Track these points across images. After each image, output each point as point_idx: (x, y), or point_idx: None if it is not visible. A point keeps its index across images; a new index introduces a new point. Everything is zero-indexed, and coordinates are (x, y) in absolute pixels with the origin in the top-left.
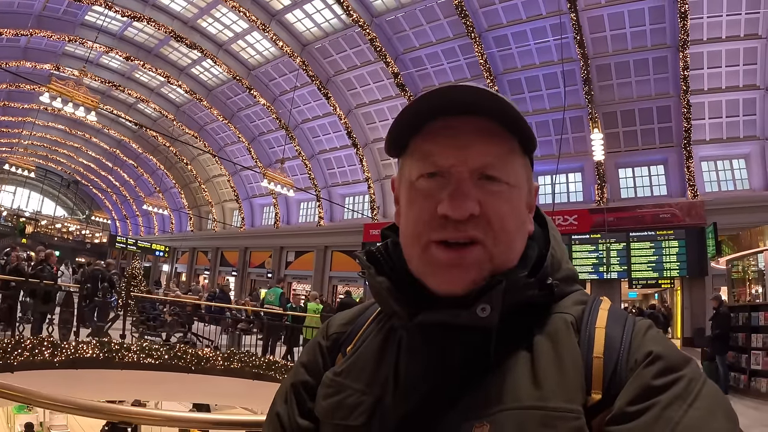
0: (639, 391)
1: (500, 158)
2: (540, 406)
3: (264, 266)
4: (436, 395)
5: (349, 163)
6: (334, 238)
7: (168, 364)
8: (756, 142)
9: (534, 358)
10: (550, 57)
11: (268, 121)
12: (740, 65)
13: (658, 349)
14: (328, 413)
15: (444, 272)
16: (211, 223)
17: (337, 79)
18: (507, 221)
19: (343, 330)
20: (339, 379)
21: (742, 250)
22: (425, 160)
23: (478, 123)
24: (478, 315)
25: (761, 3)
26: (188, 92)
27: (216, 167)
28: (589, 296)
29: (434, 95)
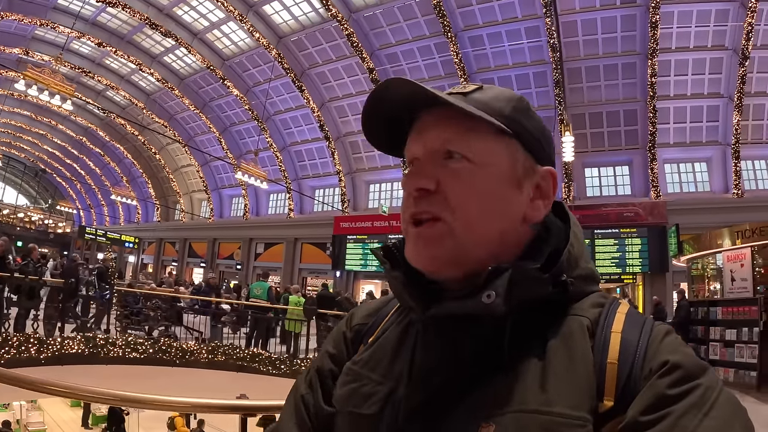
0: (653, 400)
1: (459, 136)
2: (545, 411)
3: (233, 258)
4: (448, 389)
5: (320, 155)
6: (304, 231)
7: (153, 358)
8: (718, 147)
9: (545, 360)
10: (523, 59)
11: (240, 111)
12: (706, 74)
13: (675, 357)
14: (343, 400)
15: (411, 245)
16: (179, 213)
17: (312, 72)
18: (467, 197)
19: (365, 321)
20: (356, 369)
21: (702, 250)
22: (407, 153)
23: (438, 113)
24: (483, 302)
25: (729, 16)
26: (160, 80)
27: (185, 157)
28: (607, 299)
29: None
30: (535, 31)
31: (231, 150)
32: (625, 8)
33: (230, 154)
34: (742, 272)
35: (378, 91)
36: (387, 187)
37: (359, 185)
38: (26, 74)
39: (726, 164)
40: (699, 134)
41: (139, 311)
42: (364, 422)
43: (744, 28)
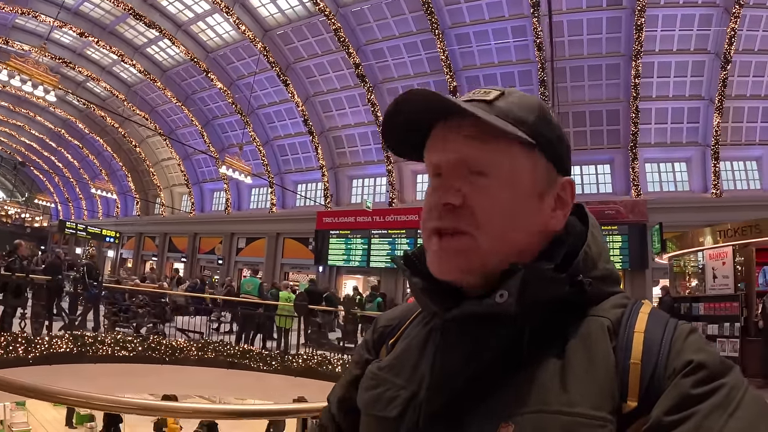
0: (677, 400)
1: (485, 153)
2: (565, 411)
3: (214, 252)
4: (468, 391)
5: (303, 150)
6: (287, 225)
7: (142, 355)
8: (697, 147)
9: (565, 361)
10: (509, 57)
11: (223, 105)
12: (688, 77)
13: (699, 357)
14: (368, 405)
15: (434, 257)
16: (160, 207)
17: (297, 66)
18: (492, 212)
19: (389, 324)
20: (381, 374)
21: (685, 248)
22: (428, 163)
23: (458, 122)
24: (496, 301)
25: (713, 21)
26: (142, 72)
27: (166, 150)
28: (630, 299)
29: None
30: (521, 31)
31: (213, 143)
32: (612, 10)
33: (212, 147)
34: (723, 270)
35: (402, 99)
36: (370, 182)
37: (342, 180)
38: (9, 64)
39: (705, 165)
40: (679, 135)
41: (128, 308)
42: (385, 425)
43: (727, 33)
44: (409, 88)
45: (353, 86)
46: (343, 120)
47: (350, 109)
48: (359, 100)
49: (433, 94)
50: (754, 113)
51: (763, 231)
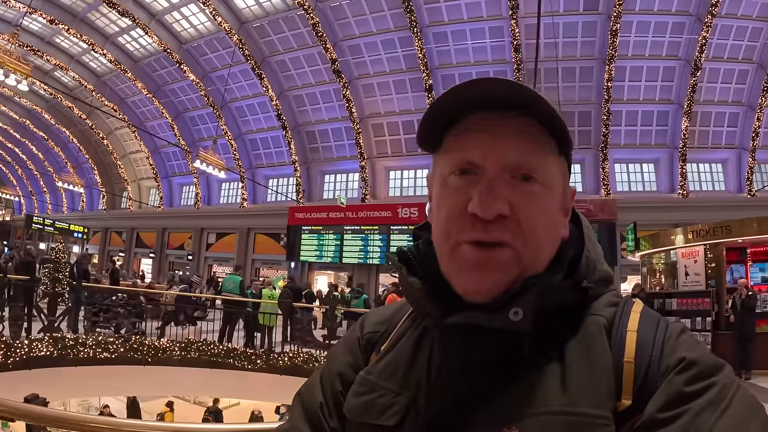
0: (670, 397)
1: (536, 157)
2: (568, 412)
3: (183, 248)
4: (468, 396)
5: (275, 145)
6: (258, 221)
7: (124, 357)
8: (665, 149)
9: (565, 361)
10: (485, 57)
11: (195, 97)
12: (659, 81)
13: (691, 354)
14: (358, 412)
15: (470, 272)
16: (127, 201)
17: (272, 60)
18: (538, 224)
19: (377, 329)
20: (372, 379)
21: (657, 246)
22: (458, 156)
23: (515, 120)
24: (511, 319)
25: (685, 29)
26: (112, 62)
27: (134, 143)
28: (621, 298)
29: (469, 88)
30: (498, 31)
31: (183, 137)
32: (588, 15)
33: (182, 140)
34: (695, 267)
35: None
36: (342, 177)
37: (314, 176)
38: None
39: (673, 166)
40: (648, 137)
41: (108, 308)
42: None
43: (698, 41)
44: (384, 85)
45: (328, 81)
46: (316, 115)
47: (324, 104)
48: (334, 95)
49: (516, 84)
50: (721, 118)
51: (733, 231)
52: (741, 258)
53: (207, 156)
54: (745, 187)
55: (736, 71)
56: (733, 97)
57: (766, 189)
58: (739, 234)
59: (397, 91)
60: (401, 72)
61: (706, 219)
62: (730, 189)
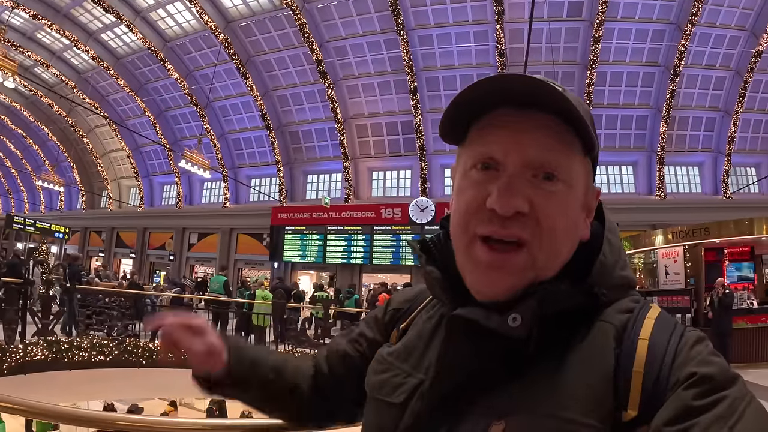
0: (678, 410)
1: (559, 156)
2: (554, 415)
3: (165, 248)
4: (469, 385)
5: (258, 144)
6: (240, 221)
7: (119, 359)
8: (644, 152)
9: (563, 365)
10: (469, 60)
11: (178, 96)
12: (638, 86)
13: (703, 369)
14: (375, 388)
15: (484, 273)
16: (107, 201)
17: (257, 59)
18: (557, 224)
19: (402, 306)
20: (390, 359)
21: (639, 247)
22: (481, 151)
23: (540, 118)
24: (509, 324)
25: (665, 37)
26: (95, 59)
27: (115, 141)
28: (639, 302)
29: (490, 83)
30: (483, 35)
31: (165, 135)
32: (571, 21)
33: (164, 139)
34: (675, 267)
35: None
36: (325, 178)
37: (297, 176)
38: None
39: (651, 169)
40: (628, 140)
41: (102, 311)
42: (391, 410)
43: (678, 49)
44: (369, 86)
45: (313, 82)
46: (300, 115)
47: (308, 104)
48: (318, 96)
49: (531, 79)
50: (698, 123)
51: (711, 233)
52: (718, 258)
53: (192, 156)
54: (720, 190)
55: (713, 78)
56: (710, 102)
57: (742, 191)
58: (717, 235)
59: (382, 93)
60: (386, 74)
61: (683, 220)
62: (706, 191)
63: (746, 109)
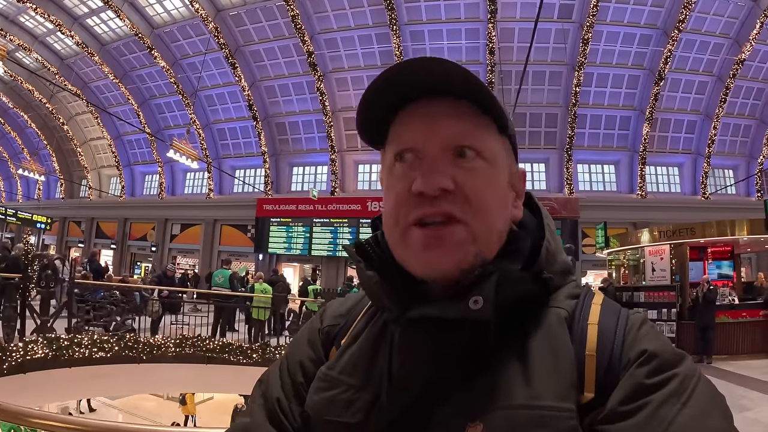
0: (632, 390)
1: (475, 133)
2: (532, 405)
3: (146, 239)
4: (430, 392)
5: (244, 135)
6: (225, 212)
7: (119, 355)
8: (626, 152)
9: (527, 354)
10: (459, 57)
11: (163, 84)
12: (623, 88)
13: (652, 346)
14: (320, 408)
15: (423, 253)
16: (86, 190)
17: (246, 49)
18: (485, 197)
19: (335, 323)
20: (333, 374)
21: (626, 245)
22: (398, 143)
23: (448, 103)
24: (471, 308)
25: (651, 41)
26: (79, 44)
27: (96, 129)
28: (581, 289)
29: (403, 76)
30: (474, 33)
31: (149, 124)
32: (561, 23)
33: (148, 128)
34: (661, 264)
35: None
36: (311, 170)
37: (283, 167)
38: None
39: (632, 168)
40: (611, 140)
41: (101, 306)
42: (347, 431)
43: (663, 53)
44: (358, 80)
45: (302, 73)
46: (288, 107)
47: (296, 96)
48: (307, 87)
49: (447, 61)
50: (680, 125)
51: (696, 233)
52: (700, 256)
53: (180, 146)
54: (699, 190)
55: (696, 82)
56: (692, 106)
57: (719, 193)
58: (701, 235)
59: None
60: (376, 68)
61: (663, 219)
62: (685, 191)
63: (726, 113)
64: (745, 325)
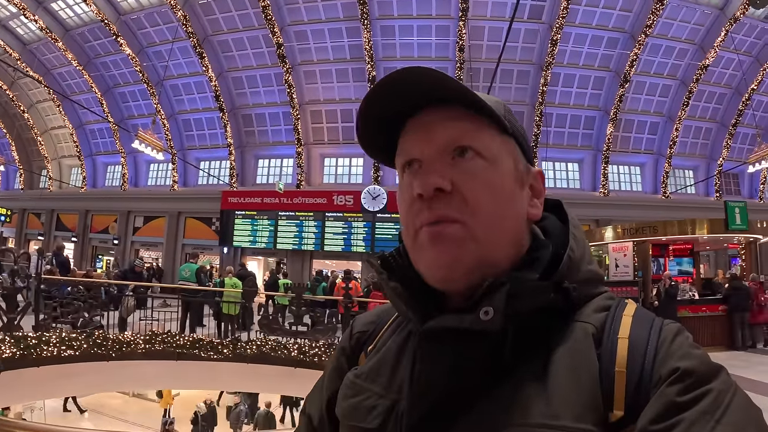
0: (663, 408)
1: (471, 133)
2: (549, 425)
3: (108, 231)
4: (448, 403)
5: (209, 126)
6: (189, 204)
7: (88, 353)
8: (590, 151)
9: (548, 371)
10: (429, 53)
11: (128, 72)
12: (589, 89)
13: (685, 363)
14: (346, 414)
15: (427, 252)
16: (47, 181)
17: (214, 39)
18: (484, 196)
19: (366, 329)
20: (358, 381)
21: (591, 241)
22: (403, 156)
23: (442, 110)
24: (481, 318)
25: (618, 44)
26: (43, 29)
27: (58, 118)
28: (613, 300)
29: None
30: (445, 30)
31: (112, 113)
32: (531, 23)
33: (111, 117)
34: (624, 260)
35: (390, 79)
36: (277, 163)
37: (248, 160)
38: None
39: (596, 167)
40: (575, 139)
41: (70, 302)
42: None
43: (630, 57)
44: (326, 73)
45: (270, 65)
46: (255, 98)
47: (264, 88)
48: (275, 79)
49: (434, 71)
50: (642, 126)
51: (659, 231)
52: (662, 253)
53: (146, 136)
54: (660, 189)
55: (660, 85)
56: (656, 108)
57: (679, 192)
58: (663, 233)
59: (339, 80)
60: (345, 61)
61: (624, 216)
62: (646, 190)
63: (688, 116)
64: (705, 319)
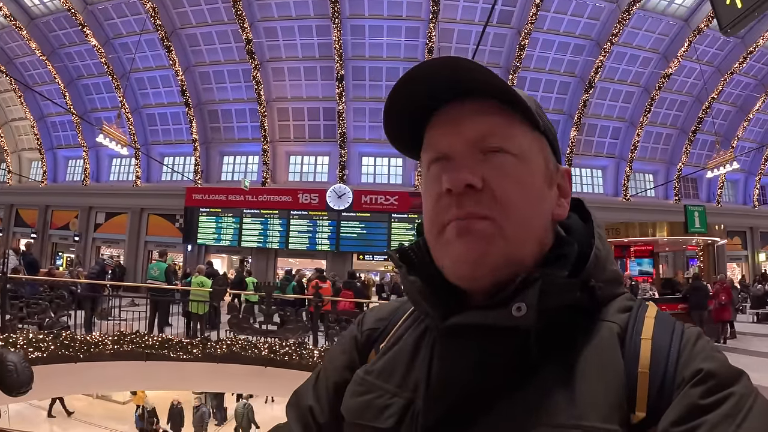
0: (685, 410)
1: (502, 129)
2: (575, 425)
3: (69, 228)
4: (469, 402)
5: (174, 121)
6: (152, 200)
7: (55, 354)
8: None
9: (574, 370)
10: (398, 54)
11: (93, 64)
12: (554, 93)
13: (708, 365)
14: (355, 413)
15: (453, 247)
16: (5, 174)
17: (182, 32)
18: (514, 194)
19: (376, 326)
20: (370, 379)
21: None
22: (431, 149)
23: (472, 102)
24: (513, 315)
25: (584, 51)
26: (7, 17)
27: (18, 109)
28: (634, 301)
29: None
30: (414, 32)
31: (75, 106)
32: (500, 27)
33: (74, 110)
34: None
35: (423, 68)
36: (242, 160)
37: (213, 156)
38: None
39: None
40: None
41: (36, 302)
42: None
43: (595, 63)
44: (295, 70)
45: (238, 61)
46: (221, 94)
47: (231, 83)
48: (242, 75)
49: (474, 62)
50: (605, 131)
51: (621, 232)
52: (623, 254)
53: (111, 131)
54: (621, 192)
55: (623, 92)
56: (618, 113)
57: (639, 195)
58: (625, 235)
59: (307, 78)
60: (313, 59)
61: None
62: (608, 192)
63: (650, 122)
64: None
